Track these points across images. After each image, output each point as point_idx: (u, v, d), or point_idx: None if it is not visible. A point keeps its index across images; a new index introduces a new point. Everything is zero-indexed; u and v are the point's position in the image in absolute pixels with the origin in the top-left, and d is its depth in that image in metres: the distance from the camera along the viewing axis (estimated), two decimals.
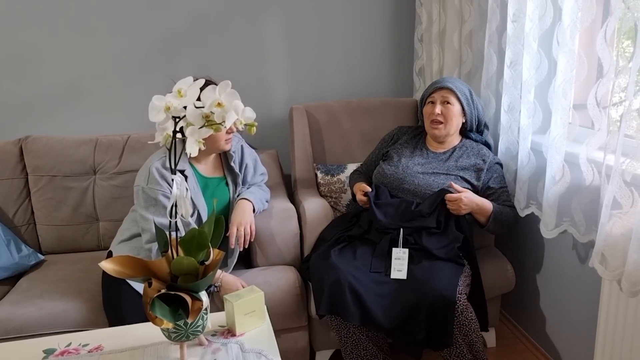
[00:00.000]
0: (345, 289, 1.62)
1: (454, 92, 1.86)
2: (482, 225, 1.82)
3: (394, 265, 1.70)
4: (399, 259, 1.71)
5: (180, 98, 1.06)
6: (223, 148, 1.79)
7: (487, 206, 1.79)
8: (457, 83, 1.90)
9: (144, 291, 1.11)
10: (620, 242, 1.30)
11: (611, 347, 1.39)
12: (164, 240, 1.17)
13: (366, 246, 1.80)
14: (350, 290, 1.62)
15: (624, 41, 1.33)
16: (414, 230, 1.78)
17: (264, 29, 2.47)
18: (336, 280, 1.64)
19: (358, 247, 1.80)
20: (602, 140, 1.39)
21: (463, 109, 1.89)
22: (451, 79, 1.93)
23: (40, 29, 2.27)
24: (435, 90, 1.90)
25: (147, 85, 2.39)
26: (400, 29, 2.60)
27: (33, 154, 2.12)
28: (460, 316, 1.61)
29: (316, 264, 1.75)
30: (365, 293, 1.62)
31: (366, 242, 1.82)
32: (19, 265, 1.94)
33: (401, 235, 1.76)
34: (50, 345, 1.30)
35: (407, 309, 1.59)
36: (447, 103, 1.87)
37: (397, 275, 1.68)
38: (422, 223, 1.78)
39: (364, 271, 1.70)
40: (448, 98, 1.87)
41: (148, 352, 1.26)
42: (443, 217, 1.79)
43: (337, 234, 1.87)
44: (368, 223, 1.86)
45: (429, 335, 1.59)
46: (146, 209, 1.67)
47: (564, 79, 1.52)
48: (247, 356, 1.23)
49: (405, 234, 1.77)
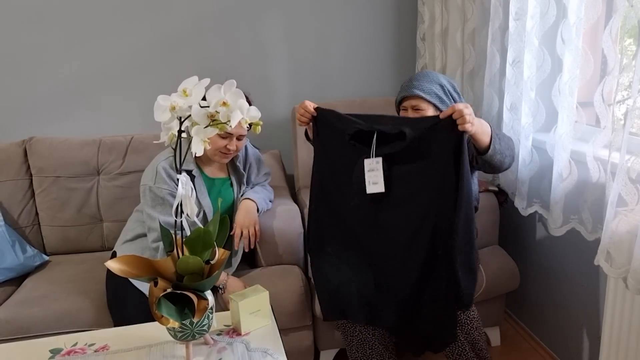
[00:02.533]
0: (349, 291, 1.61)
1: (422, 97, 1.69)
2: (486, 147, 1.54)
3: (367, 178, 1.53)
4: (372, 171, 1.52)
5: (186, 97, 1.06)
6: (216, 160, 1.78)
7: (484, 122, 1.54)
8: (426, 84, 1.70)
9: (150, 290, 1.11)
10: (626, 239, 1.29)
11: (617, 346, 1.39)
12: (170, 239, 1.17)
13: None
14: (355, 291, 1.62)
15: (627, 39, 1.33)
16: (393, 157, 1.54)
17: (266, 29, 2.47)
18: (340, 284, 1.63)
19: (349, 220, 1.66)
20: (607, 137, 1.39)
21: (438, 108, 1.72)
22: (420, 79, 1.73)
23: (44, 30, 2.27)
24: (404, 98, 1.74)
25: (150, 86, 2.40)
26: (402, 27, 2.60)
27: (37, 155, 2.13)
28: (462, 314, 1.62)
29: (317, 265, 1.73)
30: (370, 292, 1.62)
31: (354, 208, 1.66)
32: (24, 266, 1.95)
33: (374, 141, 1.54)
34: (57, 345, 1.30)
35: (410, 305, 1.58)
36: (418, 110, 1.71)
37: (374, 189, 1.52)
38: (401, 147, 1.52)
39: (366, 267, 1.64)
40: (418, 105, 1.70)
41: (154, 351, 1.26)
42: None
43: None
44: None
45: (432, 334, 1.58)
46: (153, 207, 1.68)
47: (570, 76, 1.52)
48: (252, 355, 1.23)
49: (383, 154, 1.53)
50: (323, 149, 1.66)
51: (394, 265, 1.59)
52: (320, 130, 1.65)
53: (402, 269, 1.58)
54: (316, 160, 1.68)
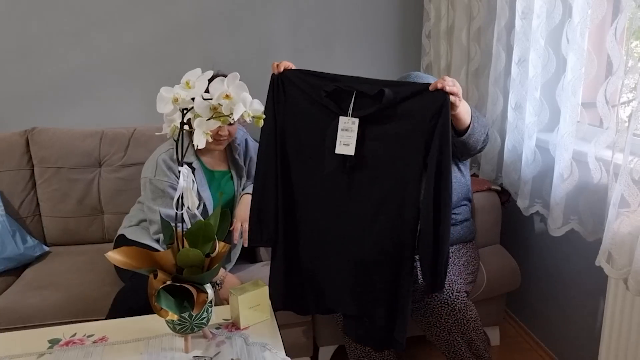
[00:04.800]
0: (298, 278, 1.56)
1: None
2: (465, 128, 1.49)
3: (339, 137, 1.42)
4: (346, 130, 1.42)
5: (188, 90, 1.06)
6: (211, 148, 1.77)
7: (464, 101, 1.45)
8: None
9: (150, 282, 1.11)
10: (627, 240, 1.29)
11: (616, 347, 1.39)
12: (170, 232, 1.17)
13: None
14: (304, 278, 1.56)
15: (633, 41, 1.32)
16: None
17: (270, 24, 2.46)
18: (288, 270, 1.57)
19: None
20: (610, 138, 1.38)
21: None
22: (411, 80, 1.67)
23: (47, 21, 2.27)
24: None
25: (153, 79, 2.39)
26: (407, 25, 2.59)
27: (39, 146, 2.13)
28: (458, 314, 1.60)
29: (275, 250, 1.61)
30: (321, 276, 1.54)
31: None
32: (24, 256, 1.95)
33: (352, 100, 1.43)
34: (55, 335, 1.30)
35: (367, 287, 1.51)
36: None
37: (343, 150, 1.42)
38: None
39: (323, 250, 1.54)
40: None
41: (152, 343, 1.26)
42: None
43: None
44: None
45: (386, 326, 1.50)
46: (153, 200, 1.68)
47: (573, 76, 1.51)
48: (251, 349, 1.23)
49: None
50: (289, 112, 1.52)
51: (354, 243, 1.51)
52: (287, 89, 1.51)
53: (363, 249, 1.50)
54: (270, 128, 1.53)
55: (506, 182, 2.01)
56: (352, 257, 1.52)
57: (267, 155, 1.54)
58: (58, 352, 1.23)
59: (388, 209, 1.46)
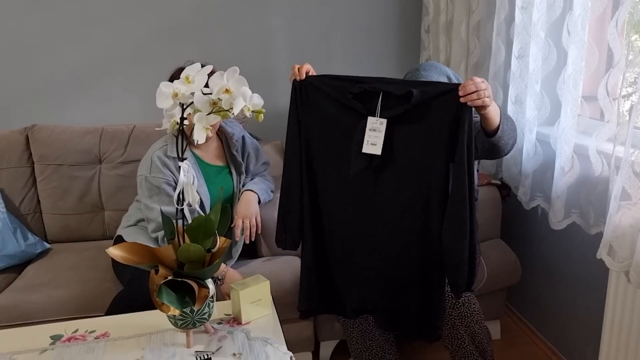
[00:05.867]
0: (330, 280, 1.59)
1: None
2: (495, 129, 1.46)
3: (367, 137, 1.44)
4: (374, 131, 1.44)
5: (188, 84, 1.06)
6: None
7: (493, 102, 1.43)
8: (434, 75, 1.62)
9: (151, 278, 1.11)
10: (628, 233, 1.29)
11: (618, 340, 1.39)
12: (171, 228, 1.17)
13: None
14: (336, 279, 1.59)
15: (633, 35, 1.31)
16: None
17: (269, 19, 2.45)
18: (319, 274, 1.60)
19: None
20: (611, 131, 1.38)
21: None
22: (428, 69, 1.65)
23: (46, 18, 2.26)
24: None
25: (153, 75, 2.38)
26: (406, 19, 2.58)
27: (39, 143, 2.13)
28: (462, 307, 1.61)
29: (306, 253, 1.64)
30: (352, 276, 1.57)
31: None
32: (26, 253, 1.95)
33: (379, 101, 1.44)
34: (57, 332, 1.30)
35: (398, 283, 1.53)
36: None
37: (371, 149, 1.44)
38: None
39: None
40: None
41: (154, 339, 1.26)
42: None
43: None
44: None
45: (419, 317, 1.53)
46: (150, 198, 1.68)
47: (574, 69, 1.50)
48: (253, 344, 1.24)
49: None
50: (313, 115, 1.54)
51: (383, 241, 1.53)
52: (310, 94, 1.54)
53: (391, 246, 1.52)
54: (294, 133, 1.55)
55: (506, 176, 2.00)
56: (382, 255, 1.54)
57: (292, 160, 1.56)
58: (60, 348, 1.23)
59: (414, 207, 1.47)
